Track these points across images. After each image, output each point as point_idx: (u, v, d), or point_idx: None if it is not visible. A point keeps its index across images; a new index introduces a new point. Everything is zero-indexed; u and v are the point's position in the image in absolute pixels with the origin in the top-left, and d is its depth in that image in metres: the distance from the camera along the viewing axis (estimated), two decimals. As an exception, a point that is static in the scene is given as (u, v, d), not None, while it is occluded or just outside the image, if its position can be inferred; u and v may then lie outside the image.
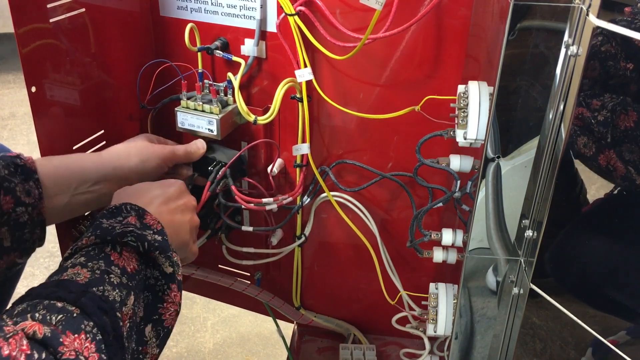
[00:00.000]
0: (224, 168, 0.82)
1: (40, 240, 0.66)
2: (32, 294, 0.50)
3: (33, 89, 0.69)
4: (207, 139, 0.85)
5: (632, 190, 0.51)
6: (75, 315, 0.48)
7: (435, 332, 0.74)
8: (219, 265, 1.03)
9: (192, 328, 1.50)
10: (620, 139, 0.49)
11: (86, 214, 0.81)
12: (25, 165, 0.64)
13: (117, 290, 0.53)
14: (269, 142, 0.88)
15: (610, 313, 0.57)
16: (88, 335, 0.47)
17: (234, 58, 0.83)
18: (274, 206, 0.85)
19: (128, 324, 0.53)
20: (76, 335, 0.46)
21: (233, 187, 0.81)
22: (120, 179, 0.73)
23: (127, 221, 0.59)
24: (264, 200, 0.84)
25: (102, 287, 0.52)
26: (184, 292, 1.15)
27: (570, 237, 0.58)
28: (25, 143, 2.29)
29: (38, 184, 0.64)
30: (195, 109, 0.82)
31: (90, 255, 0.55)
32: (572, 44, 0.51)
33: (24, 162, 0.64)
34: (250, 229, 0.88)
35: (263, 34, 0.82)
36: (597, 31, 0.47)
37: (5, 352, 0.41)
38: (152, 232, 0.60)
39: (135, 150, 0.76)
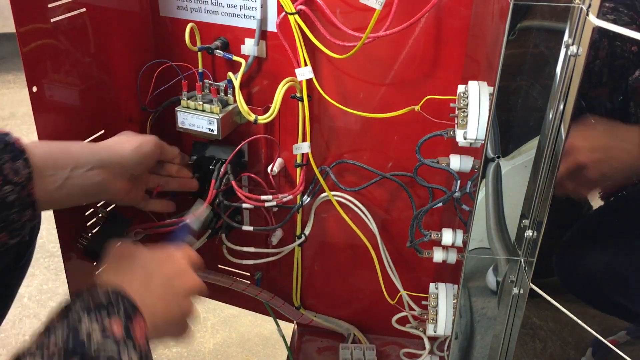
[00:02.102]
0: (225, 164, 0.83)
1: (31, 221, 0.63)
2: None
3: (34, 89, 0.69)
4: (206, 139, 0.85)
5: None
6: None
7: (435, 332, 0.74)
8: (219, 265, 1.03)
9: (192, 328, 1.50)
10: None
11: (89, 226, 0.82)
12: (14, 144, 0.62)
13: None
14: (269, 138, 0.89)
15: (615, 315, 0.56)
16: None
17: (235, 58, 0.83)
18: (273, 203, 0.85)
19: None
20: None
21: (233, 182, 0.82)
22: (116, 165, 0.72)
23: (110, 327, 0.51)
24: (263, 197, 0.85)
25: None
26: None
27: (577, 240, 0.58)
28: (25, 143, 2.29)
29: (27, 163, 0.62)
30: (196, 109, 0.82)
31: None
32: (572, 44, 0.51)
33: (13, 141, 0.62)
34: (251, 228, 0.89)
35: (263, 34, 0.82)
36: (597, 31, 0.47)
37: None
38: (133, 349, 0.52)
39: (127, 138, 0.76)
